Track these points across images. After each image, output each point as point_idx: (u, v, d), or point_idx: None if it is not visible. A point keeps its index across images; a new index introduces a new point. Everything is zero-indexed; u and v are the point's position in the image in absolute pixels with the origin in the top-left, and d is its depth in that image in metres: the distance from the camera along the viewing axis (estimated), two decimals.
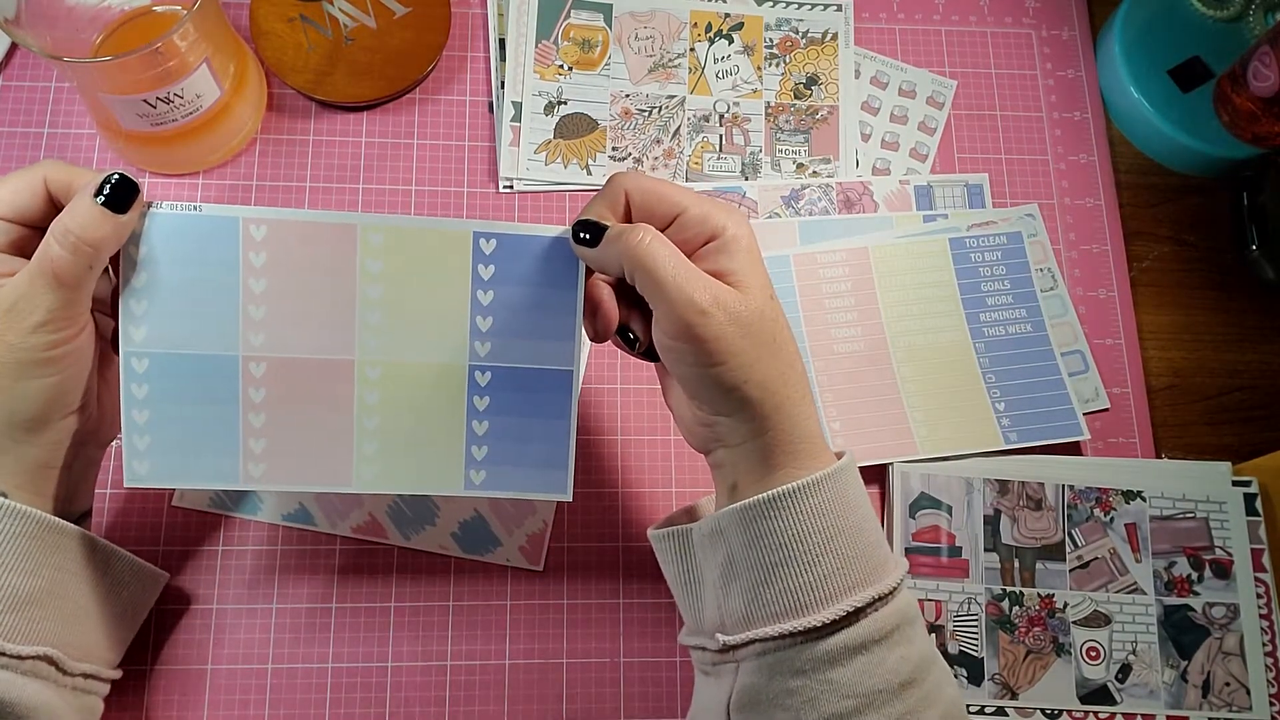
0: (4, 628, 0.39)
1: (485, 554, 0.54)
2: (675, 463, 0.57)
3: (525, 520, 0.54)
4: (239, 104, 0.56)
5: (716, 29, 0.64)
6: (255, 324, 0.42)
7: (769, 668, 0.40)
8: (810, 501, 0.40)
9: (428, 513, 0.54)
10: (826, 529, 0.40)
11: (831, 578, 0.39)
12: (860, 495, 0.42)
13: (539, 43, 0.62)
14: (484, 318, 0.44)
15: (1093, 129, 0.65)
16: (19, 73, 0.59)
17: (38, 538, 0.40)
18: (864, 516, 0.41)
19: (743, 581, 0.41)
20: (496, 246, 0.43)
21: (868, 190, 0.62)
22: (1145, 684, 0.54)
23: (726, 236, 0.41)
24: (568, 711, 0.52)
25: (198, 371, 0.42)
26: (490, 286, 0.43)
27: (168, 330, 0.42)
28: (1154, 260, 0.63)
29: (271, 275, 0.42)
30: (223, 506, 0.53)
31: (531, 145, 0.60)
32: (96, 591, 0.44)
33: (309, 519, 0.53)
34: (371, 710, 0.51)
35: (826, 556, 0.40)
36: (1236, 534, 0.56)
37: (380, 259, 0.43)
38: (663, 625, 0.54)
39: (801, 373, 0.42)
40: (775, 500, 0.40)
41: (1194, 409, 0.61)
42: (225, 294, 0.42)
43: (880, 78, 0.65)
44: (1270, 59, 0.58)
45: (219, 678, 0.51)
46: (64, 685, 0.41)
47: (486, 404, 0.44)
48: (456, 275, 0.43)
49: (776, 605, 0.40)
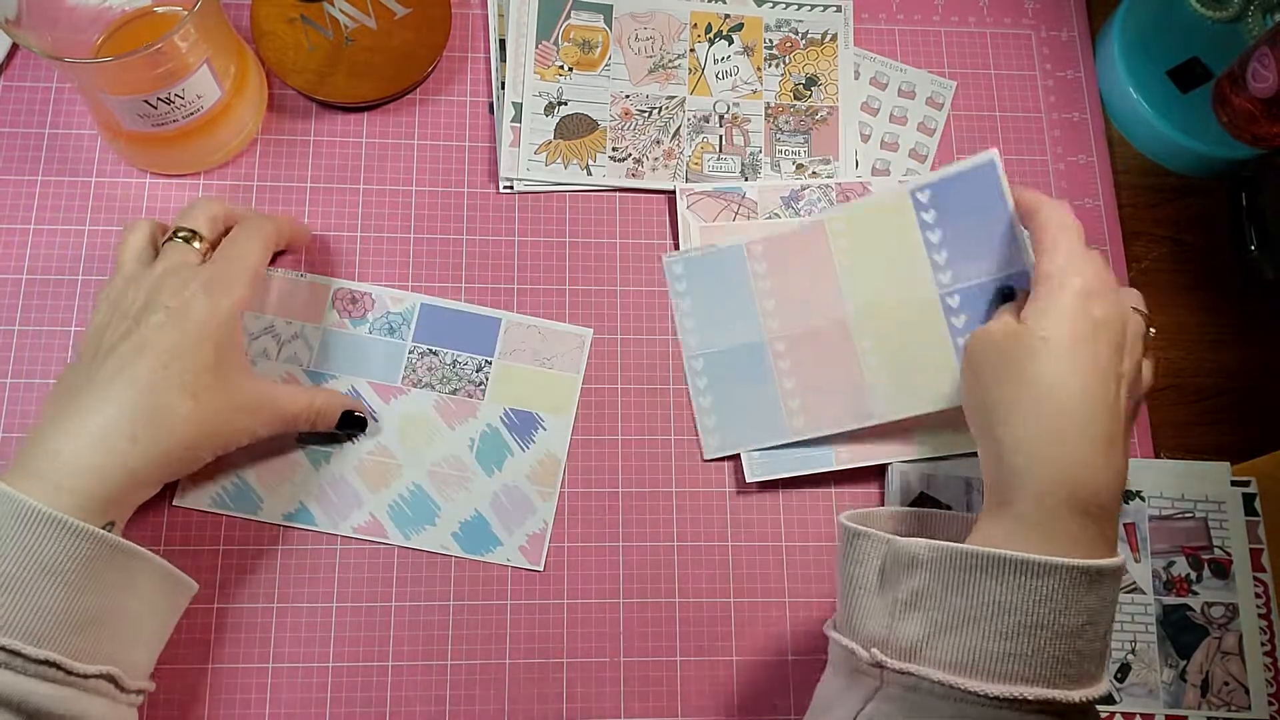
0: (72, 648, 0.39)
1: (485, 554, 0.54)
2: (676, 463, 0.57)
3: (525, 520, 0.55)
4: (240, 104, 0.56)
5: (716, 30, 0.64)
6: (769, 314, 0.56)
7: (913, 706, 0.39)
8: (1037, 582, 0.38)
9: (428, 513, 0.54)
10: (1044, 617, 0.38)
11: (1022, 659, 0.38)
12: (1098, 607, 0.39)
13: (539, 43, 0.62)
14: (939, 253, 0.54)
15: (1092, 130, 0.65)
16: (20, 73, 0.59)
17: (105, 559, 0.41)
18: (1092, 627, 0.39)
19: (929, 616, 0.40)
20: (930, 195, 0.54)
21: (867, 191, 0.62)
22: (1144, 683, 0.54)
23: (1040, 281, 0.45)
24: (568, 711, 0.53)
25: (737, 360, 0.56)
26: (936, 227, 0.54)
27: (711, 336, 0.57)
28: (1153, 260, 0.64)
29: (772, 276, 0.57)
30: (223, 506, 0.53)
31: (532, 146, 0.61)
32: (146, 607, 0.44)
33: (309, 519, 0.53)
34: (371, 710, 0.52)
35: (1029, 639, 0.38)
36: (1235, 534, 0.56)
37: (844, 238, 0.56)
38: (662, 625, 0.54)
39: (1089, 433, 0.41)
40: (995, 563, 0.39)
41: (1193, 409, 0.61)
42: (744, 299, 0.57)
43: (880, 78, 0.65)
44: (1269, 60, 0.59)
45: (219, 677, 0.51)
46: (120, 701, 0.42)
47: (964, 320, 0.53)
48: (908, 228, 0.54)
49: (952, 655, 0.39)
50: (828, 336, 0.56)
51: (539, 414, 0.56)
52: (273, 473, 0.53)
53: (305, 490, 0.53)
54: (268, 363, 0.54)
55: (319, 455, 0.54)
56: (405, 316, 0.56)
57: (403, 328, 0.56)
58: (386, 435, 0.55)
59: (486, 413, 0.56)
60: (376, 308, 0.56)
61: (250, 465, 0.53)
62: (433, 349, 0.56)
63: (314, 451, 0.54)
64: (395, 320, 0.56)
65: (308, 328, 0.55)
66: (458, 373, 0.56)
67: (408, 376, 0.55)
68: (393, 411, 0.55)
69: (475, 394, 0.56)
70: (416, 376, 0.55)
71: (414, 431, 0.55)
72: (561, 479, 0.55)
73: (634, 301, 0.59)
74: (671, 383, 0.58)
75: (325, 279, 0.56)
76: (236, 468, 0.53)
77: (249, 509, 0.53)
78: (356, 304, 0.56)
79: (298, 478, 0.54)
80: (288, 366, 0.55)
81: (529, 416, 0.56)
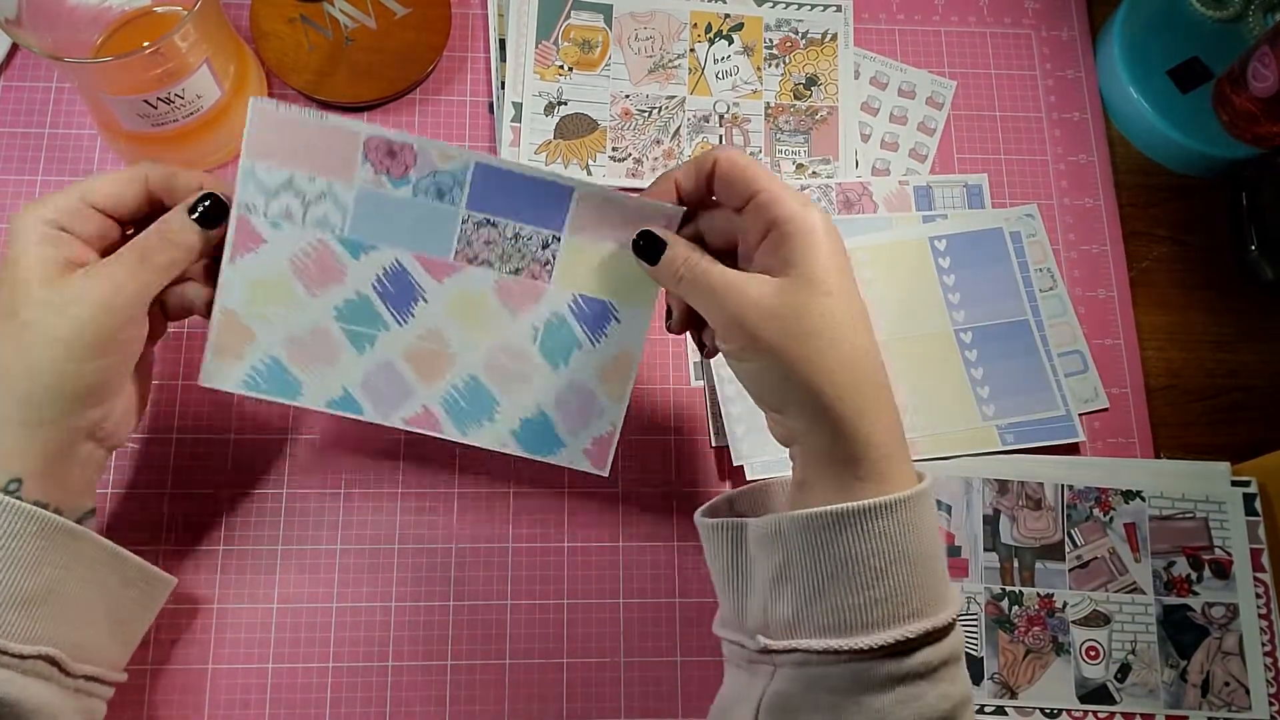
0: (7, 625, 0.39)
1: (548, 455, 0.50)
2: (676, 462, 0.57)
3: (591, 422, 0.49)
4: (239, 105, 0.56)
5: (716, 30, 0.64)
6: None
7: (807, 679, 0.40)
8: (879, 524, 0.39)
9: (486, 406, 0.49)
10: (891, 553, 0.39)
11: (886, 602, 0.39)
12: (931, 523, 0.41)
13: (539, 43, 0.62)
14: (953, 294, 0.59)
15: (1092, 129, 0.65)
16: (20, 73, 0.59)
17: (45, 537, 0.40)
18: (931, 545, 0.40)
19: (795, 588, 0.40)
20: (947, 244, 0.60)
21: (867, 191, 0.62)
22: (1144, 683, 0.54)
23: (790, 228, 0.41)
24: (568, 711, 0.53)
25: None
26: (951, 271, 0.60)
27: None
28: (1153, 260, 0.64)
29: None
30: (255, 389, 0.47)
31: (532, 146, 0.61)
32: (102, 593, 0.44)
33: (356, 407, 0.48)
34: (371, 710, 0.52)
35: (885, 580, 0.39)
36: (1235, 534, 0.56)
37: (868, 269, 0.60)
38: (662, 625, 0.54)
39: (878, 379, 0.41)
40: (843, 516, 0.39)
41: (1193, 409, 0.61)
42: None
43: (880, 78, 0.65)
44: (1269, 59, 0.59)
45: (220, 677, 0.51)
46: (66, 686, 0.41)
47: (976, 355, 0.58)
48: (925, 268, 0.60)
49: (826, 620, 0.39)
50: None
51: (614, 304, 0.48)
52: (308, 354, 0.47)
53: (349, 375, 0.48)
54: (292, 227, 0.46)
55: (361, 338, 0.47)
56: (457, 177, 0.46)
57: (454, 190, 0.46)
58: (438, 318, 0.47)
59: (553, 298, 0.48)
60: (420, 164, 0.45)
61: (281, 344, 0.47)
62: (491, 219, 0.47)
63: (353, 332, 0.47)
64: (444, 181, 0.46)
65: (337, 184, 0.45)
66: (520, 249, 0.47)
67: (461, 251, 0.47)
68: (445, 292, 0.47)
69: (541, 275, 0.47)
70: (472, 251, 0.47)
71: (469, 316, 0.48)
72: (633, 380, 0.49)
73: None
74: (672, 383, 0.58)
75: (352, 122, 0.45)
76: (263, 345, 0.47)
77: (287, 392, 0.47)
78: (395, 159, 0.45)
79: (341, 361, 0.47)
80: (317, 233, 0.46)
81: (602, 306, 0.48)
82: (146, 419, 0.54)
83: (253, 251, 0.46)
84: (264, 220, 0.45)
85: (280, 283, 0.46)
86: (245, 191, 0.45)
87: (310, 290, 0.47)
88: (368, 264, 0.47)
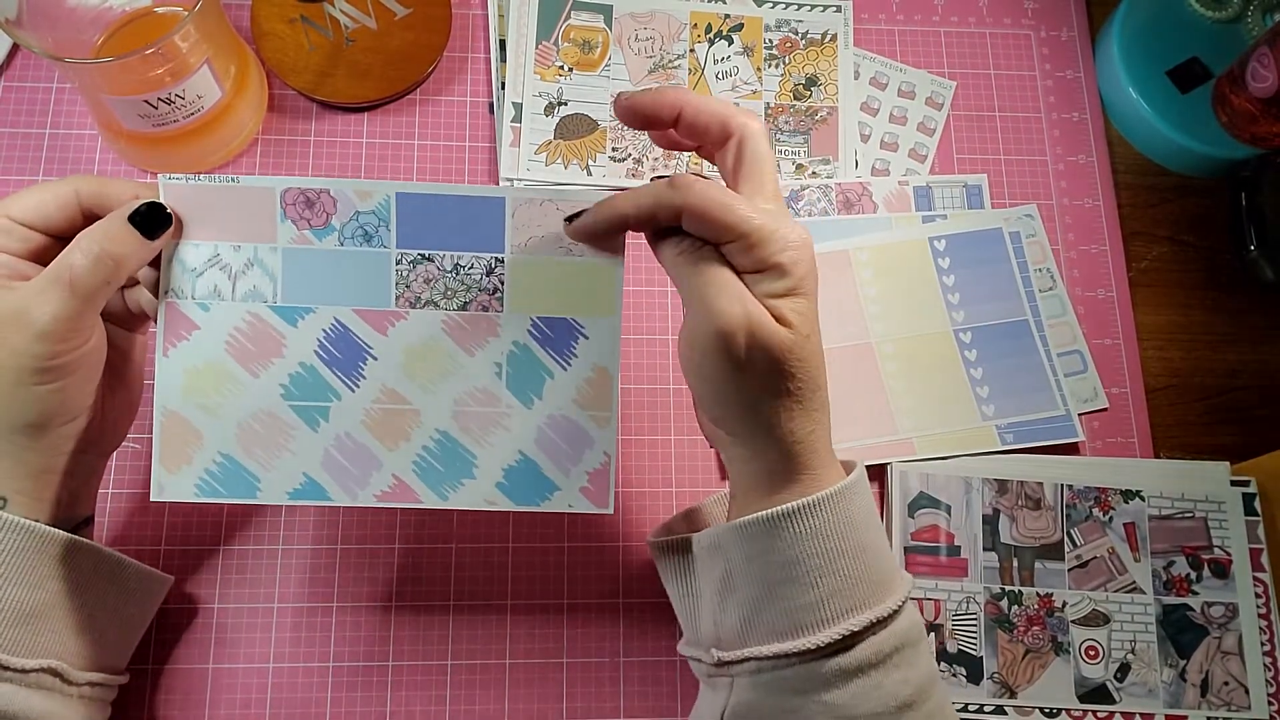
0: (8, 642, 0.39)
1: (542, 502, 0.45)
2: (675, 463, 0.57)
3: (583, 455, 0.45)
4: (240, 105, 0.56)
5: (716, 30, 0.64)
6: None
7: (764, 686, 0.40)
8: (812, 522, 0.39)
9: (463, 464, 0.44)
10: (828, 550, 0.39)
11: (831, 600, 0.39)
12: (867, 512, 0.41)
13: (539, 43, 0.62)
14: (953, 294, 0.59)
15: (1091, 130, 0.65)
16: (20, 74, 0.59)
17: (41, 551, 0.40)
18: (869, 535, 0.40)
19: (740, 597, 0.40)
20: (946, 244, 0.60)
21: (867, 191, 0.62)
22: (1144, 683, 0.54)
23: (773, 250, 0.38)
24: (568, 711, 0.53)
25: None
26: (951, 272, 0.60)
27: None
28: (1152, 260, 0.64)
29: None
30: (212, 494, 0.43)
31: (532, 146, 0.61)
32: (102, 600, 0.44)
33: (321, 493, 0.44)
34: (372, 710, 0.52)
35: (827, 578, 0.39)
36: (1235, 534, 0.56)
37: (868, 268, 0.60)
38: (663, 625, 0.54)
39: (819, 398, 0.41)
40: (776, 519, 0.39)
41: (1192, 409, 0.61)
42: None
43: (879, 78, 0.65)
44: (1268, 60, 0.59)
45: (220, 677, 0.51)
46: (70, 695, 0.41)
47: (975, 355, 0.58)
48: (925, 268, 0.60)
49: (774, 625, 0.39)
50: (855, 357, 0.58)
51: (575, 319, 0.44)
52: (260, 442, 0.43)
53: (307, 459, 0.43)
54: (224, 304, 0.43)
55: (312, 414, 0.43)
56: (380, 215, 0.43)
57: (380, 230, 0.43)
58: (391, 374, 0.43)
59: (510, 327, 0.44)
60: (340, 209, 0.43)
61: (231, 437, 0.43)
62: (425, 254, 0.43)
63: (303, 409, 0.43)
64: (369, 222, 0.43)
65: (262, 248, 0.43)
66: (463, 280, 0.43)
67: (402, 295, 0.43)
68: (393, 344, 0.43)
69: (491, 305, 0.44)
70: (413, 294, 0.43)
71: (424, 366, 0.44)
72: (617, 397, 0.45)
73: (634, 302, 0.59)
74: (672, 383, 0.58)
75: (265, 179, 0.42)
76: (211, 444, 0.43)
77: (245, 492, 0.43)
78: (314, 208, 0.43)
79: (294, 444, 0.43)
80: (249, 306, 0.43)
81: (564, 324, 0.44)
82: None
83: (185, 340, 0.43)
84: (192, 304, 0.43)
85: (219, 367, 0.43)
86: (169, 276, 0.42)
87: (251, 370, 0.43)
88: (306, 330, 0.43)
